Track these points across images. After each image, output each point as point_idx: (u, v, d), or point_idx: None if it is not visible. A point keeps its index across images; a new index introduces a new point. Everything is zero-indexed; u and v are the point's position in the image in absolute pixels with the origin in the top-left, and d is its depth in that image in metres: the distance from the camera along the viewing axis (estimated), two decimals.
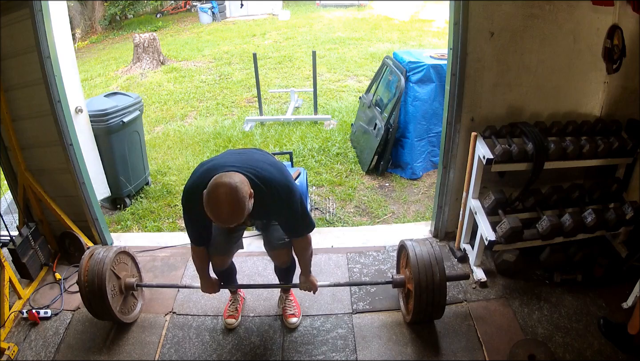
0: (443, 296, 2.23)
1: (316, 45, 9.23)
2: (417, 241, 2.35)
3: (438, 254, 2.26)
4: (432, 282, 2.20)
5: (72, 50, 3.02)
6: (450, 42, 2.57)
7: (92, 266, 2.30)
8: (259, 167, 1.84)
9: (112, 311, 2.31)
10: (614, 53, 2.51)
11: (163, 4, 14.01)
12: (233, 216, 1.65)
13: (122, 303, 2.45)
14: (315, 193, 3.91)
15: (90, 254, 2.36)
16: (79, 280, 2.31)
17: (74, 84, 2.98)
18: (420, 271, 2.21)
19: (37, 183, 2.88)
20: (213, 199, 1.64)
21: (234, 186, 1.65)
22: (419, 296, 2.21)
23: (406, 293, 2.43)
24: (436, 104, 3.93)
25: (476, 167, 2.59)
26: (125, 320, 2.45)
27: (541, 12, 2.48)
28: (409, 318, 2.37)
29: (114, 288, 2.38)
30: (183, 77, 7.80)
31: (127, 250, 2.55)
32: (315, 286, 2.34)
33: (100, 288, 2.26)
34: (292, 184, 1.92)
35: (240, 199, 1.64)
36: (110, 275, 2.33)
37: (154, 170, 4.38)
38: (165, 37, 11.00)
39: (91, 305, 2.33)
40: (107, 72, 8.47)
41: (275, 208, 1.90)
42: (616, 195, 2.74)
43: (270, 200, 1.85)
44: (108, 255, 2.35)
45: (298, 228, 2.03)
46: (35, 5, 2.47)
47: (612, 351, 2.24)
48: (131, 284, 2.46)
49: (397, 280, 2.43)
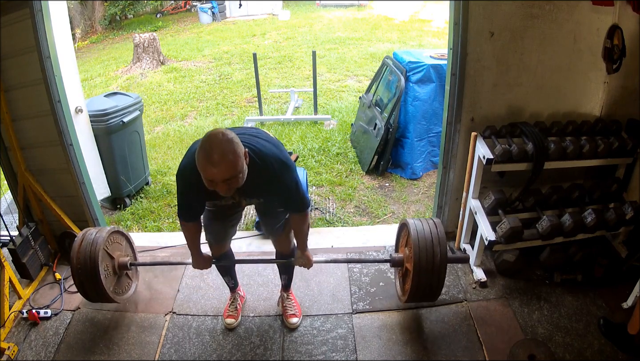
0: (442, 278, 2.14)
1: (316, 45, 9.23)
2: (419, 220, 2.25)
3: (441, 234, 2.14)
4: (432, 262, 2.09)
5: (72, 50, 3.02)
6: (450, 42, 2.57)
7: (84, 247, 2.23)
8: (254, 142, 1.82)
9: (105, 292, 2.24)
10: (614, 53, 2.52)
11: (163, 4, 13.99)
12: (226, 164, 1.59)
13: (116, 283, 2.39)
14: (315, 193, 3.91)
15: (83, 235, 2.30)
16: (72, 262, 2.24)
17: (74, 84, 2.98)
18: (420, 250, 2.10)
19: (37, 182, 2.88)
20: (206, 146, 1.59)
21: (229, 137, 1.62)
22: (417, 276, 2.11)
23: (403, 273, 2.35)
24: (436, 104, 3.93)
25: (476, 167, 2.59)
26: (119, 300, 2.38)
27: (541, 12, 2.48)
28: (404, 298, 2.29)
29: (107, 267, 2.32)
30: (183, 77, 7.80)
31: (120, 230, 2.48)
32: (311, 261, 2.28)
33: (93, 268, 2.19)
34: (288, 160, 1.89)
35: (234, 148, 1.60)
36: (103, 255, 2.26)
37: (154, 170, 4.38)
38: (165, 37, 11.00)
39: (83, 287, 2.26)
40: (107, 72, 8.47)
41: (269, 182, 1.86)
42: (616, 195, 2.74)
43: (265, 174, 1.82)
44: (101, 235, 2.29)
45: (292, 203, 2.00)
46: (35, 5, 2.47)
47: (612, 351, 2.24)
48: (125, 263, 2.40)
49: (396, 258, 2.34)
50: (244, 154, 1.67)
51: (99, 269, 2.21)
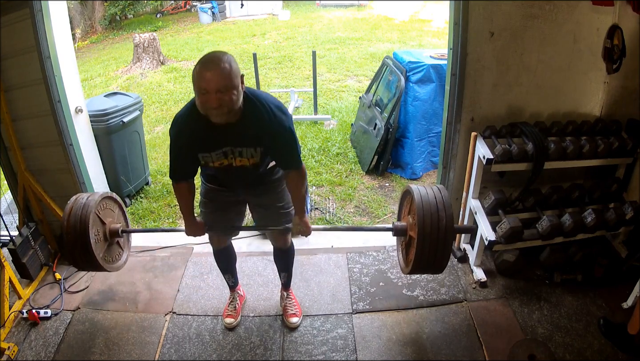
0: (448, 245, 2.00)
1: (316, 45, 9.23)
2: (423, 186, 2.13)
3: (446, 199, 2.03)
4: (438, 227, 1.96)
5: (72, 50, 3.02)
6: (450, 42, 2.58)
7: (75, 210, 2.14)
8: (253, 89, 1.85)
9: (95, 258, 2.14)
10: (614, 53, 2.51)
11: (163, 4, 13.98)
12: (221, 70, 1.61)
13: (106, 250, 2.29)
14: (315, 193, 3.91)
15: (74, 199, 2.22)
16: (62, 226, 2.15)
17: (74, 84, 2.98)
18: (425, 214, 1.97)
19: (37, 182, 2.88)
20: (203, 58, 1.66)
21: (228, 54, 1.68)
22: (422, 243, 1.98)
23: (407, 242, 2.22)
24: (436, 104, 3.93)
25: (476, 167, 2.59)
26: (109, 268, 2.29)
27: (541, 12, 2.48)
28: (407, 269, 2.15)
29: (98, 232, 2.22)
30: (183, 77, 7.79)
31: (113, 196, 2.40)
32: (309, 228, 2.15)
33: (84, 232, 2.10)
34: (287, 110, 1.87)
35: (230, 61, 1.65)
36: (94, 219, 2.17)
37: (154, 170, 4.38)
38: (165, 37, 10.99)
39: (73, 253, 2.16)
40: (107, 72, 8.46)
41: (265, 127, 1.80)
42: (616, 195, 2.74)
43: (261, 117, 1.78)
44: (94, 198, 2.20)
45: (289, 157, 1.93)
46: (35, 5, 2.47)
47: (612, 351, 2.24)
48: (116, 230, 2.30)
49: (399, 226, 2.20)
50: (241, 79, 1.69)
51: (89, 233, 2.10)
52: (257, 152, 1.88)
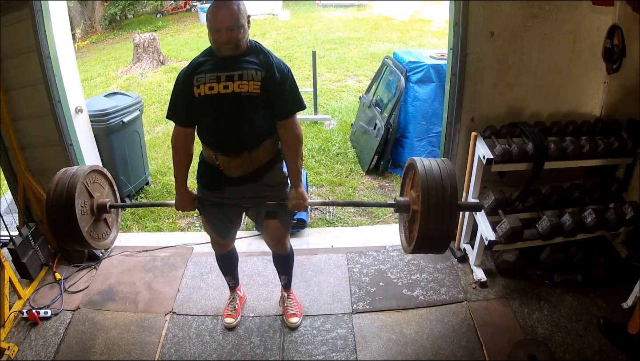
0: (453, 220, 1.91)
1: (316, 45, 9.22)
2: (427, 159, 2.04)
3: (451, 171, 1.94)
4: (442, 200, 1.87)
5: (72, 51, 3.02)
6: (450, 42, 2.58)
7: (63, 180, 2.03)
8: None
9: (80, 231, 1.99)
10: (614, 53, 2.52)
11: (163, 4, 13.98)
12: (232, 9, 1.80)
13: (92, 225, 2.15)
14: (315, 193, 3.91)
15: (63, 170, 2.12)
16: (47, 194, 2.04)
17: (74, 84, 2.97)
18: (430, 187, 1.88)
19: (37, 182, 2.88)
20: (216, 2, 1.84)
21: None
22: (426, 216, 1.88)
23: (410, 218, 2.12)
24: (436, 104, 3.92)
25: (476, 167, 2.59)
26: (95, 244, 2.14)
27: (541, 12, 2.48)
28: (410, 248, 2.04)
29: (85, 204, 2.07)
30: None
31: (104, 171, 2.28)
32: (306, 199, 2.06)
33: (69, 200, 1.96)
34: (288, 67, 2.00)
35: (239, 4, 1.84)
36: (81, 189, 2.04)
37: (154, 170, 4.38)
38: (165, 37, 10.99)
39: (56, 222, 2.02)
40: (107, 72, 8.46)
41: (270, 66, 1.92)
42: (616, 195, 2.74)
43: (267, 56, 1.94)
44: (82, 169, 2.10)
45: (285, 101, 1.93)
46: (35, 5, 2.47)
47: (612, 351, 2.24)
48: (104, 204, 2.16)
49: (401, 202, 2.10)
50: (247, 19, 1.90)
51: (75, 202, 1.97)
52: (259, 76, 1.88)
